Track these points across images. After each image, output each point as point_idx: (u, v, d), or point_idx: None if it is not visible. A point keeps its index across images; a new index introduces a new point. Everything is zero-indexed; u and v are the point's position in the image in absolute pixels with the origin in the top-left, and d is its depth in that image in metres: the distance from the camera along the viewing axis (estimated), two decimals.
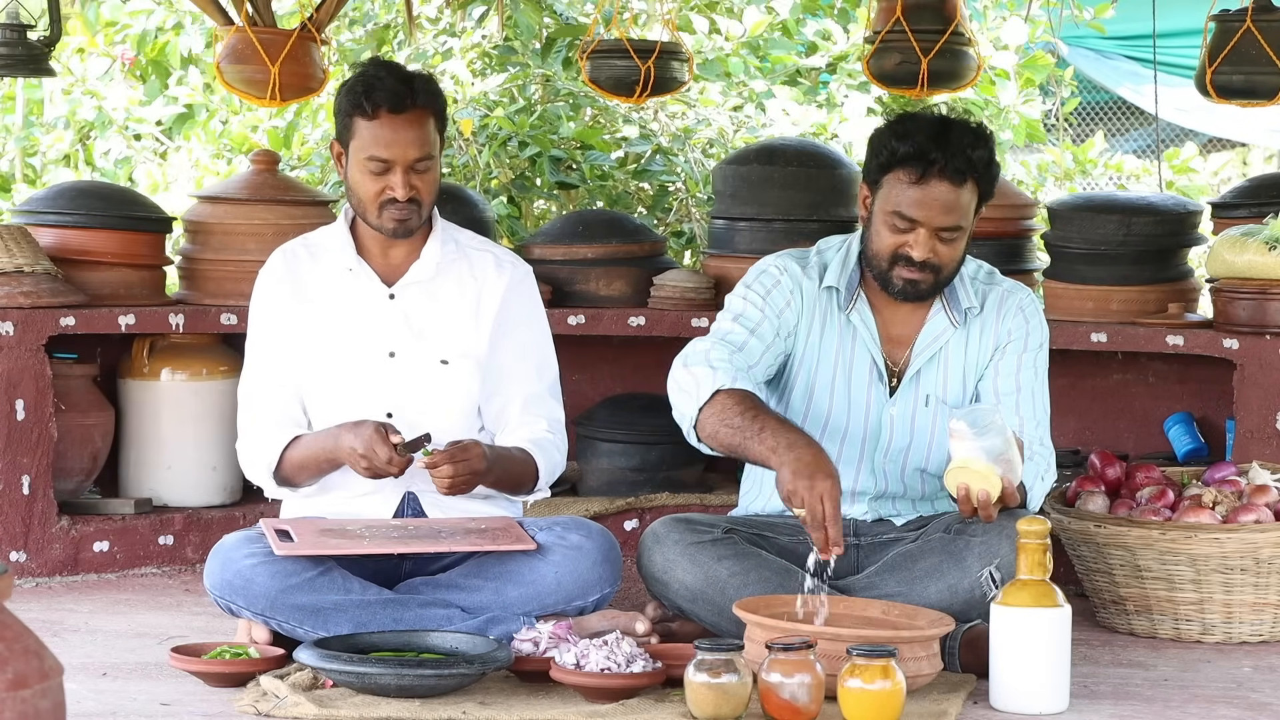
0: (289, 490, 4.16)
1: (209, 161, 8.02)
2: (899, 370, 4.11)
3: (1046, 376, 4.16)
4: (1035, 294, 4.20)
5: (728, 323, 4.06)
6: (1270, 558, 4.29)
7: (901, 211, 3.94)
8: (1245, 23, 5.27)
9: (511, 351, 4.21)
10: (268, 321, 4.22)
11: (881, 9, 5.69)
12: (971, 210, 3.98)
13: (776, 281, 4.09)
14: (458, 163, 7.41)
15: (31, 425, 4.87)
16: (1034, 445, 4.05)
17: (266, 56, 5.19)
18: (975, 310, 4.09)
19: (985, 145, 3.97)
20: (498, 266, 4.25)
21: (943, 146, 3.91)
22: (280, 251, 4.28)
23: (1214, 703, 3.79)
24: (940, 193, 3.93)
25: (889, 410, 4.09)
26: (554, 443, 4.18)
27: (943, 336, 4.09)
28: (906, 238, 3.96)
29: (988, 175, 3.98)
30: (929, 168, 3.91)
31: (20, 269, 4.96)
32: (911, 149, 3.93)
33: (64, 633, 4.30)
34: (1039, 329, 4.15)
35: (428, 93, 4.08)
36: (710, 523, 4.10)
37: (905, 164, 3.94)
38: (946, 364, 4.11)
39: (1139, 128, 12.77)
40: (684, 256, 7.54)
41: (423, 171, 4.07)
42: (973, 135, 3.96)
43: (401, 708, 3.53)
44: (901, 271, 3.98)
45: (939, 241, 3.95)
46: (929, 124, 3.97)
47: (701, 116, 7.90)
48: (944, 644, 3.78)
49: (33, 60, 5.32)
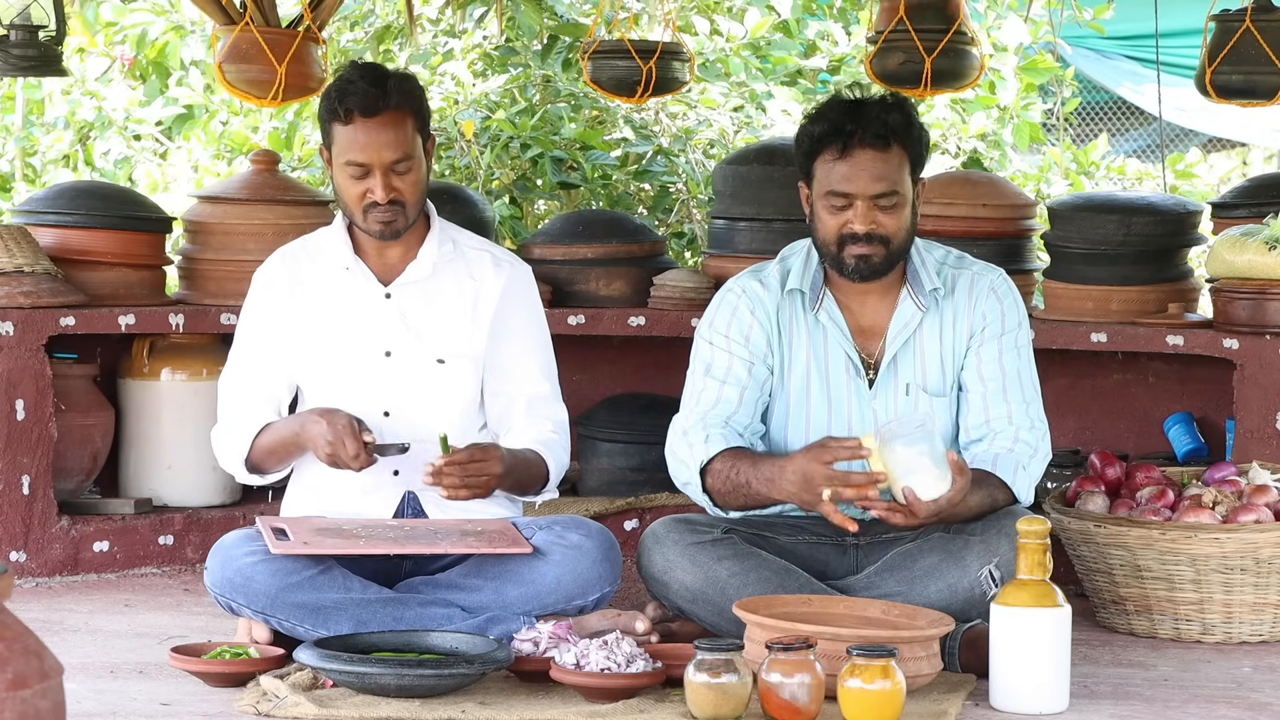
0: (258, 477, 4.20)
1: (209, 162, 8.02)
2: (875, 362, 4.11)
3: (1031, 354, 4.15)
4: (1004, 273, 4.19)
5: (700, 379, 4.11)
6: (1270, 558, 4.29)
7: (834, 189, 3.98)
8: (1245, 23, 5.27)
9: (513, 351, 4.22)
10: (258, 318, 4.23)
11: (884, 9, 5.69)
12: (905, 176, 4.00)
13: (734, 309, 4.12)
14: (459, 164, 7.41)
15: (31, 425, 4.87)
16: (1021, 430, 4.05)
17: (273, 56, 5.19)
18: (941, 291, 4.09)
19: (900, 110, 4.00)
20: (495, 266, 4.25)
21: (857, 118, 3.97)
22: (278, 253, 4.29)
23: (1214, 703, 3.79)
24: (865, 162, 3.96)
25: (871, 403, 4.09)
26: (560, 443, 4.20)
27: (912, 321, 4.09)
28: (846, 214, 3.98)
29: (909, 136, 4.00)
30: (849, 140, 3.96)
31: (20, 269, 4.96)
32: (828, 127, 3.99)
33: (64, 633, 4.30)
34: (1014, 308, 4.14)
35: (402, 92, 4.05)
36: (710, 523, 4.10)
37: (826, 142, 3.99)
38: (922, 351, 4.10)
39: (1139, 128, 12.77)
40: (685, 257, 7.54)
41: (403, 173, 4.06)
42: (885, 104, 4.01)
43: (401, 708, 3.53)
44: (851, 250, 4.00)
45: (879, 211, 3.97)
46: (841, 102, 4.04)
47: (702, 117, 7.90)
48: (944, 644, 3.78)
49: (46, 61, 5.31)
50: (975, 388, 4.09)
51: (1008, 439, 4.03)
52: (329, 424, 3.97)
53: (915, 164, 4.04)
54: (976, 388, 4.09)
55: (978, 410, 4.07)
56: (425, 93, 4.17)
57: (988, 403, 4.07)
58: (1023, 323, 4.15)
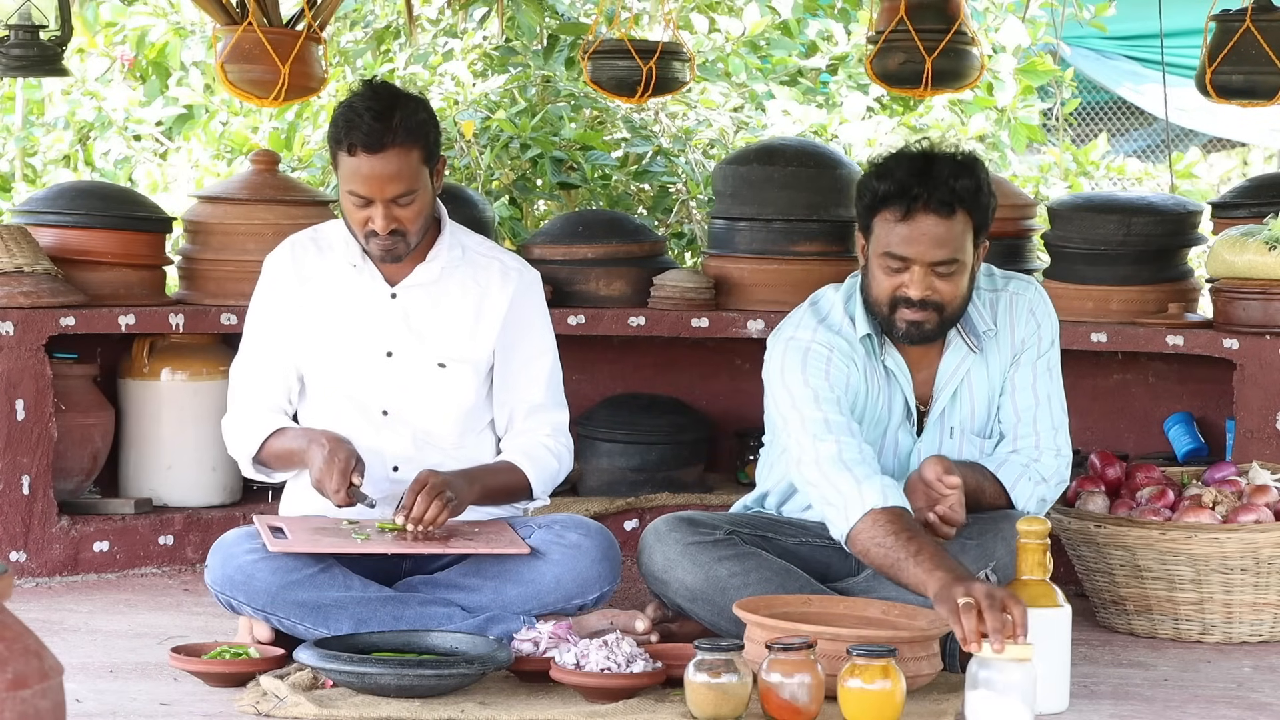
0: (264, 474, 4.21)
1: (209, 162, 8.02)
2: (925, 406, 4.07)
3: (1060, 372, 4.12)
4: (1038, 284, 4.16)
5: (811, 409, 3.90)
6: (1270, 558, 4.29)
7: (892, 251, 3.87)
8: (1245, 23, 5.27)
9: (517, 359, 4.22)
10: (269, 306, 4.23)
11: (884, 9, 5.68)
12: (966, 242, 3.89)
13: (827, 359, 3.96)
14: (459, 164, 7.41)
15: (31, 425, 4.87)
16: (1046, 455, 4.03)
17: (276, 56, 5.18)
18: (992, 333, 4.04)
19: (970, 174, 3.87)
20: (504, 274, 4.24)
21: (924, 180, 3.83)
22: (289, 241, 4.28)
23: (1214, 703, 3.79)
24: (928, 227, 3.84)
25: (917, 446, 4.06)
26: (552, 450, 4.19)
27: (963, 366, 4.04)
28: (902, 278, 3.88)
29: (977, 204, 3.88)
30: (913, 203, 3.83)
31: (20, 269, 4.96)
32: (893, 187, 3.85)
33: (64, 633, 4.30)
34: (1050, 327, 4.10)
35: (409, 128, 3.99)
36: (711, 523, 4.09)
37: (889, 203, 3.86)
38: (972, 393, 4.06)
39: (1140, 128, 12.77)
40: (685, 257, 7.54)
41: (405, 205, 4.03)
42: (956, 165, 3.87)
43: (401, 708, 3.53)
44: (904, 314, 3.90)
45: (935, 278, 3.86)
46: (910, 160, 3.89)
47: (702, 117, 7.90)
48: (944, 644, 3.77)
49: (46, 61, 5.31)
50: (1008, 416, 4.06)
51: (1026, 457, 4.03)
52: (330, 455, 3.97)
53: (979, 230, 3.92)
54: (1009, 417, 4.06)
55: (1008, 436, 4.07)
56: (436, 118, 4.10)
57: (1018, 433, 4.05)
58: (1055, 340, 4.11)
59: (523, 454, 4.16)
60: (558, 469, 4.20)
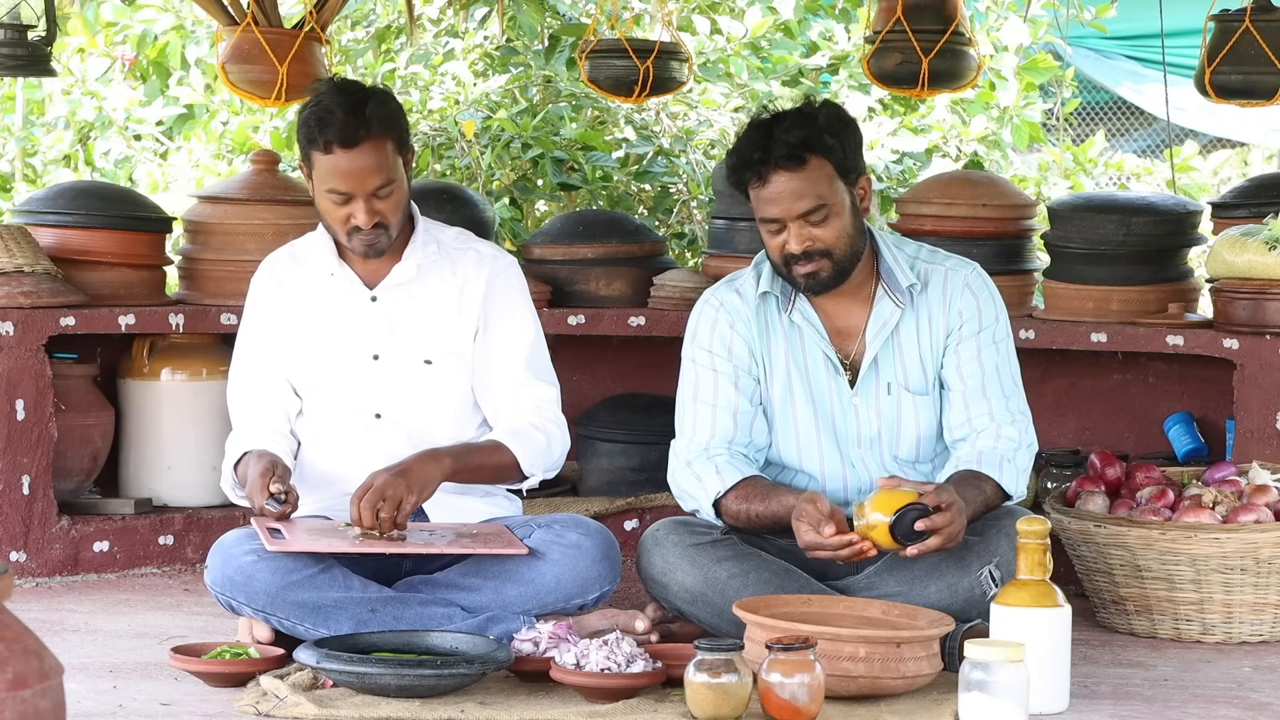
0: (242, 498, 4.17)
1: (209, 162, 8.03)
2: (855, 361, 4.11)
3: (1011, 347, 4.14)
4: (980, 268, 4.18)
5: (691, 406, 4.11)
6: (1270, 558, 4.29)
7: (763, 216, 3.98)
8: (1244, 23, 5.27)
9: (497, 343, 4.22)
10: (255, 327, 4.26)
11: (882, 9, 5.69)
12: (832, 184, 3.96)
13: (713, 322, 4.13)
14: (460, 164, 7.41)
15: (31, 425, 4.87)
16: (1003, 426, 4.04)
17: (274, 57, 5.18)
18: (917, 286, 4.09)
19: (810, 123, 3.95)
20: (478, 262, 4.25)
21: (764, 145, 3.94)
22: (267, 261, 4.32)
23: (1214, 703, 3.79)
24: (781, 184, 3.94)
25: (853, 401, 4.10)
26: (537, 425, 4.16)
27: (890, 319, 4.08)
28: (781, 237, 3.98)
29: (824, 146, 3.95)
30: (761, 169, 3.94)
31: (20, 269, 4.96)
32: (738, 159, 3.99)
33: (64, 633, 4.30)
34: (991, 302, 4.13)
35: (381, 118, 4.02)
36: (710, 524, 4.10)
37: (745, 176, 3.98)
38: (901, 349, 4.10)
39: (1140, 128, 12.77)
40: (685, 257, 7.54)
41: (385, 197, 4.05)
42: (796, 118, 3.96)
43: (401, 708, 3.53)
44: (797, 269, 4.00)
45: (811, 227, 3.95)
46: (753, 130, 3.99)
47: (703, 118, 7.90)
48: (944, 644, 3.78)
49: (34, 61, 5.32)
50: (956, 386, 4.09)
51: (990, 436, 4.03)
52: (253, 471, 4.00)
53: (843, 168, 3.98)
54: (957, 386, 4.09)
55: (959, 409, 4.08)
56: (403, 108, 4.16)
57: (968, 401, 4.07)
58: (1000, 316, 4.14)
59: (506, 431, 4.14)
60: (546, 443, 4.16)
